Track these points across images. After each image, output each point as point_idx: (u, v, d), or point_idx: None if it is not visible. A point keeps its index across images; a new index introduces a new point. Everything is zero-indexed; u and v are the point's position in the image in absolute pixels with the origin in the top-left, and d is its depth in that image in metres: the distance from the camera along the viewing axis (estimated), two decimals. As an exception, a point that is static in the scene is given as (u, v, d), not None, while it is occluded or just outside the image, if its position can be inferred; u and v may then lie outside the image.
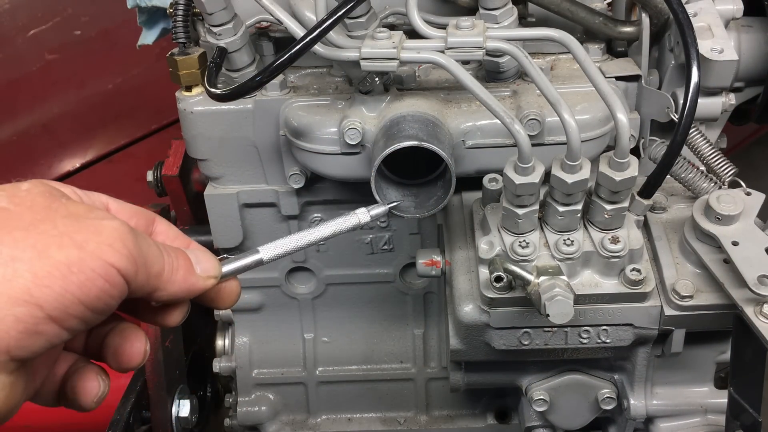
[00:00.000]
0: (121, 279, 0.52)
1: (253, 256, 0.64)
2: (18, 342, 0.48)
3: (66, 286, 0.49)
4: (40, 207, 0.52)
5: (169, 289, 0.57)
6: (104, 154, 1.95)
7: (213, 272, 0.61)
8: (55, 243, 0.49)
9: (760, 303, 0.78)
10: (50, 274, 0.48)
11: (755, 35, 0.99)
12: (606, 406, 1.05)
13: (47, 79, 2.02)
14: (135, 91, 2.02)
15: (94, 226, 0.52)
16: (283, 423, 1.31)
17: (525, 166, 0.80)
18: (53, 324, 0.49)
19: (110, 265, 0.51)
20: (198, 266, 0.60)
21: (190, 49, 1.01)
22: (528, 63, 0.78)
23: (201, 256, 0.61)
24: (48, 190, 0.54)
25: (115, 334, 0.60)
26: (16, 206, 0.52)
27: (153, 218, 0.63)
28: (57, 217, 0.52)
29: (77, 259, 0.49)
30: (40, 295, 0.48)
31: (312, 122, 0.97)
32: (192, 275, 0.59)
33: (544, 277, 0.82)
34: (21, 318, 0.47)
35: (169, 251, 0.58)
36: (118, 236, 0.52)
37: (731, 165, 0.94)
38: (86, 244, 0.50)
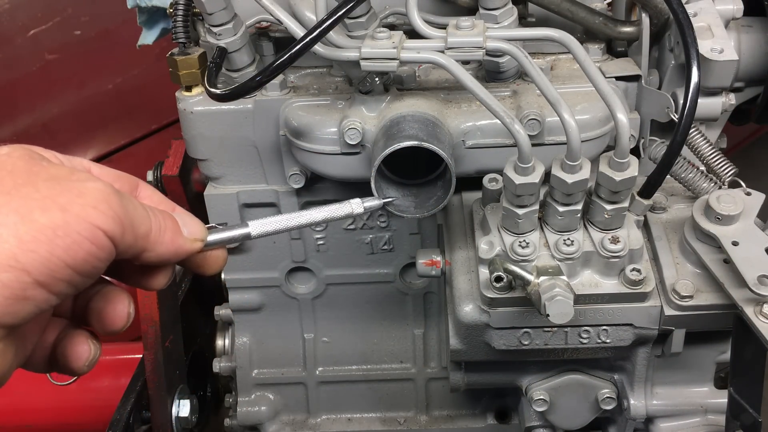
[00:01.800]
0: (107, 241, 0.51)
1: (241, 229, 0.64)
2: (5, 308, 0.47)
3: (52, 249, 0.48)
4: (20, 171, 0.51)
5: (156, 249, 0.56)
6: (104, 154, 1.95)
7: (199, 235, 0.61)
8: (38, 206, 0.49)
9: (760, 303, 0.78)
10: (35, 239, 0.47)
11: (755, 35, 0.99)
12: (606, 406, 1.05)
13: (47, 79, 2.02)
14: (135, 91, 2.02)
15: (77, 188, 0.51)
16: (283, 423, 1.31)
17: (525, 166, 0.80)
18: (41, 289, 0.48)
19: (96, 227, 0.50)
20: (185, 229, 0.59)
21: (190, 49, 1.01)
22: (528, 63, 0.78)
23: (187, 220, 0.61)
24: (28, 154, 0.53)
25: (99, 297, 0.60)
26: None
27: (137, 183, 0.63)
28: (39, 180, 0.51)
29: (62, 222, 0.49)
30: (26, 260, 0.47)
31: (312, 122, 0.97)
32: (179, 237, 0.59)
33: (544, 277, 0.82)
34: (7, 284, 0.47)
35: (156, 212, 0.57)
36: (103, 197, 0.51)
37: (731, 165, 0.94)
38: (70, 206, 0.49)
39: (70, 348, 0.59)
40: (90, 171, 0.59)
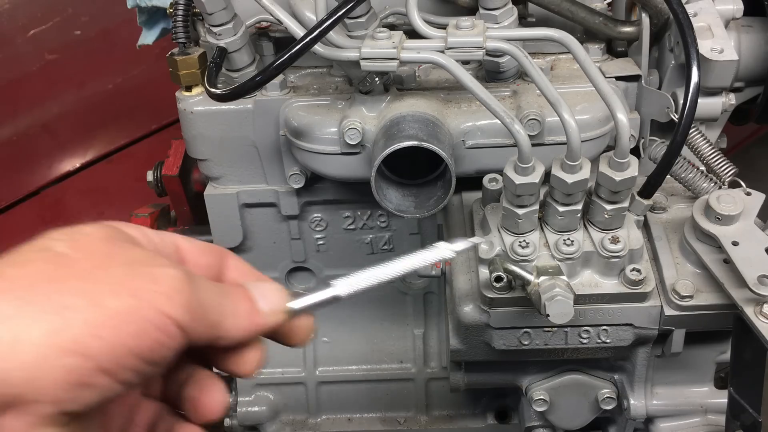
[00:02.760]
0: (176, 329, 0.49)
1: (327, 292, 0.60)
2: (67, 393, 0.46)
3: (119, 336, 0.47)
4: (99, 254, 0.50)
5: (231, 335, 0.54)
6: (104, 154, 1.95)
7: (279, 307, 0.57)
8: (109, 291, 0.47)
9: (760, 303, 0.78)
10: (103, 324, 0.46)
11: (755, 35, 0.99)
12: (606, 406, 1.05)
13: (47, 79, 2.02)
14: (135, 91, 2.02)
15: (151, 274, 0.50)
16: (283, 423, 1.31)
17: (525, 166, 0.80)
18: (105, 376, 0.47)
19: (165, 315, 0.48)
20: (263, 301, 0.57)
21: (190, 49, 1.01)
22: (528, 63, 0.78)
23: (267, 291, 0.57)
24: (110, 234, 0.52)
25: (192, 384, 0.58)
26: (74, 252, 0.50)
27: (225, 254, 0.60)
28: (115, 264, 0.50)
29: (131, 308, 0.47)
30: (92, 345, 0.46)
31: (312, 122, 0.97)
32: (256, 315, 0.56)
33: (544, 277, 0.82)
34: (71, 369, 0.45)
35: (229, 294, 0.55)
36: (176, 286, 0.50)
37: (731, 165, 0.94)
38: (141, 293, 0.48)
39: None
40: (178, 245, 0.58)
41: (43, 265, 0.48)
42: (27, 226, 1.81)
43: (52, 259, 0.49)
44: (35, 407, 0.45)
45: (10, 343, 0.44)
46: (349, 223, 1.16)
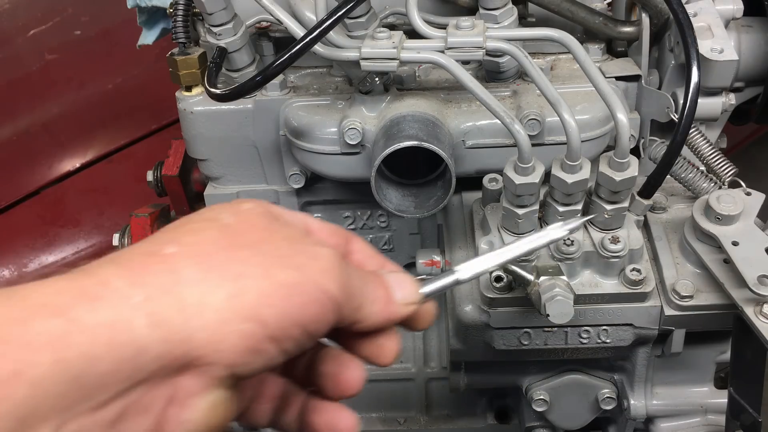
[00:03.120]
0: (332, 305, 0.51)
1: (450, 277, 0.62)
2: (242, 358, 0.47)
3: (288, 306, 0.49)
4: (261, 227, 0.53)
5: (368, 321, 0.56)
6: (104, 154, 1.95)
7: (413, 298, 0.59)
8: (277, 264, 0.50)
9: (760, 303, 0.78)
10: (275, 293, 0.48)
11: (755, 35, 0.99)
12: (606, 406, 1.05)
13: (47, 79, 2.02)
14: (135, 91, 2.02)
15: (310, 251, 0.52)
16: (283, 423, 1.31)
17: (525, 166, 0.80)
18: (273, 344, 0.49)
19: (325, 290, 0.50)
20: (398, 292, 0.58)
21: (190, 49, 1.01)
22: (528, 63, 0.78)
23: (401, 281, 0.59)
24: (266, 211, 0.55)
25: (330, 360, 0.59)
26: (240, 224, 0.52)
27: (350, 237, 0.62)
28: (277, 238, 0.52)
29: (298, 281, 0.49)
30: (265, 313, 0.48)
31: (312, 122, 0.97)
32: (391, 304, 0.57)
33: (544, 277, 0.82)
34: (246, 334, 0.47)
35: (369, 281, 0.56)
36: (332, 264, 0.52)
37: (731, 165, 0.94)
38: (304, 268, 0.50)
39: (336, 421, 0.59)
40: (309, 227, 0.59)
41: (217, 233, 0.51)
42: (27, 226, 1.81)
43: (223, 228, 0.51)
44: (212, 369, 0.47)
45: (196, 305, 0.46)
46: (349, 223, 1.16)
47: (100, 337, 0.42)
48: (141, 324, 0.44)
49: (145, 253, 0.48)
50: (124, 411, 0.45)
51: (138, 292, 0.45)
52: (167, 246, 0.49)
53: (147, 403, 0.46)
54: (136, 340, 0.43)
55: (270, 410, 0.60)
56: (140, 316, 0.44)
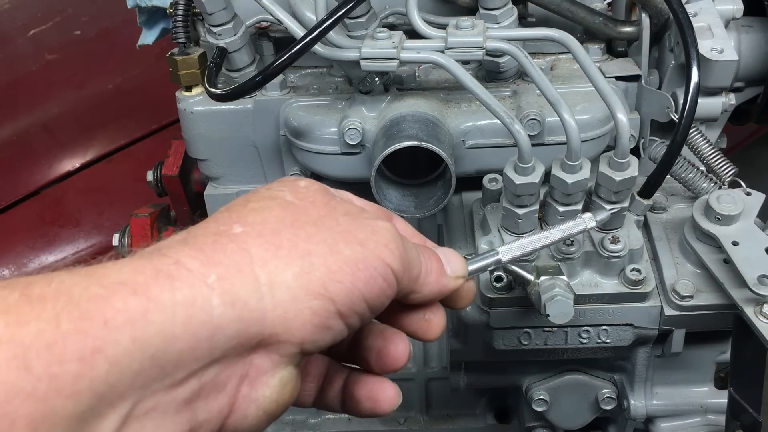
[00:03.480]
0: (394, 279, 0.52)
1: (492, 257, 0.64)
2: (312, 335, 0.48)
3: (354, 282, 0.49)
4: (321, 204, 0.53)
5: (423, 291, 0.57)
6: (104, 154, 1.95)
7: (462, 272, 0.60)
8: (342, 239, 0.50)
9: (760, 303, 0.78)
10: (341, 270, 0.49)
11: (755, 35, 0.99)
12: (606, 406, 1.05)
13: (47, 79, 2.02)
14: (135, 91, 2.02)
15: (370, 225, 0.53)
16: (283, 423, 1.30)
17: (525, 166, 0.80)
18: (340, 319, 0.49)
19: (387, 264, 0.51)
20: (448, 266, 0.59)
21: (190, 49, 1.01)
22: (528, 63, 0.78)
23: (450, 256, 0.60)
24: (323, 188, 0.55)
25: (376, 335, 0.59)
26: (300, 201, 0.53)
27: (391, 217, 0.63)
28: (338, 214, 0.53)
29: (362, 256, 0.50)
30: (334, 289, 0.48)
31: (312, 122, 0.97)
32: (443, 276, 0.58)
33: (544, 277, 0.82)
34: (317, 311, 0.48)
35: (424, 252, 0.58)
36: (392, 237, 0.52)
37: (731, 165, 0.94)
38: (367, 242, 0.51)
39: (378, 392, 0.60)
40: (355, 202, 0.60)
41: (281, 211, 0.51)
42: (27, 226, 1.81)
43: (286, 206, 0.52)
44: (284, 347, 0.48)
45: (268, 284, 0.46)
46: (349, 223, 1.16)
47: (177, 316, 0.43)
48: (216, 303, 0.44)
49: (215, 233, 0.48)
50: (200, 389, 0.45)
51: (212, 271, 0.45)
52: (235, 225, 0.49)
53: (222, 381, 0.47)
54: (212, 320, 0.44)
55: (315, 389, 0.61)
56: (215, 296, 0.44)
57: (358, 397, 0.60)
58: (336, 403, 0.62)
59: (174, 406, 0.44)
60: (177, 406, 0.44)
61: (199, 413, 0.46)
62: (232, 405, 0.48)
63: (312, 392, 0.61)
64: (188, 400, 0.45)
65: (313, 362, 0.61)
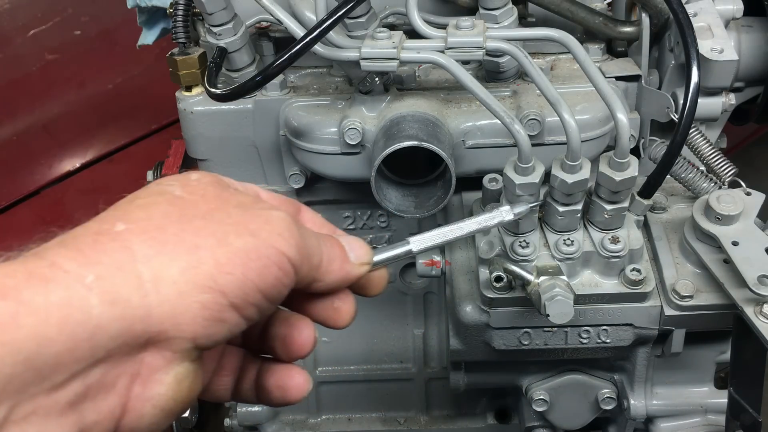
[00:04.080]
0: (291, 267, 0.51)
1: (403, 247, 0.64)
2: (204, 329, 0.47)
3: (246, 273, 0.49)
4: (212, 196, 0.53)
5: (326, 279, 0.57)
6: (104, 154, 1.95)
7: (366, 258, 0.60)
8: (232, 231, 0.50)
9: (760, 303, 0.78)
10: (231, 261, 0.48)
11: (755, 35, 0.99)
12: (606, 406, 1.05)
13: (47, 79, 2.02)
14: (135, 91, 2.02)
15: (264, 215, 0.52)
16: (283, 423, 1.31)
17: (525, 166, 0.80)
18: (234, 312, 0.49)
19: (282, 253, 0.50)
20: (351, 254, 0.59)
21: (190, 49, 1.01)
22: (528, 63, 0.78)
23: (353, 243, 0.60)
24: (216, 180, 0.55)
25: (281, 323, 0.59)
26: (190, 195, 0.52)
27: (299, 207, 0.63)
28: (229, 206, 0.52)
29: (254, 246, 0.49)
30: (224, 281, 0.48)
31: (312, 122, 0.97)
32: (347, 263, 0.58)
33: (544, 277, 0.82)
34: (207, 305, 0.47)
35: (325, 241, 0.57)
36: (286, 226, 0.52)
37: (731, 165, 0.94)
38: (260, 232, 0.50)
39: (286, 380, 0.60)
40: (259, 195, 0.60)
41: (168, 207, 0.50)
42: (27, 226, 1.81)
43: (173, 201, 0.51)
44: (175, 343, 0.47)
45: (152, 281, 0.46)
46: (349, 223, 1.16)
47: (51, 317, 0.42)
48: (95, 303, 0.43)
49: (95, 233, 0.48)
50: (86, 390, 0.45)
51: (90, 271, 0.44)
52: (117, 223, 0.48)
53: (110, 381, 0.46)
54: (90, 320, 0.43)
55: (231, 382, 0.61)
56: (94, 296, 0.44)
57: (269, 387, 0.60)
58: (251, 394, 0.61)
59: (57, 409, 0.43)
60: (60, 408, 0.43)
61: (87, 415, 0.45)
62: (125, 405, 0.47)
63: (229, 386, 0.61)
64: (73, 402, 0.44)
65: (228, 355, 0.61)
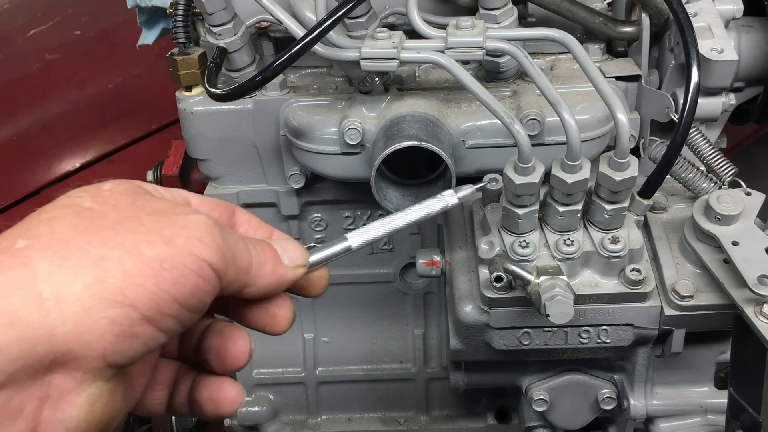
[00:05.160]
0: (212, 274, 0.49)
1: (341, 244, 0.62)
2: (115, 346, 0.45)
3: (159, 283, 0.46)
4: (124, 205, 0.50)
5: (258, 283, 0.55)
6: (104, 154, 1.95)
7: (300, 261, 0.58)
8: (144, 240, 0.47)
9: (760, 303, 0.78)
10: (142, 272, 0.46)
11: (755, 35, 0.99)
12: (606, 406, 1.05)
13: (47, 79, 2.02)
14: (135, 91, 2.02)
15: (180, 220, 0.50)
16: (283, 423, 1.31)
17: (525, 166, 0.80)
18: (149, 325, 0.47)
19: (201, 259, 0.48)
20: (285, 256, 0.57)
21: (190, 49, 1.01)
22: (528, 63, 0.78)
23: (287, 246, 0.58)
24: (130, 188, 0.53)
25: (214, 335, 0.58)
26: (100, 205, 0.50)
27: (233, 210, 0.61)
28: (142, 213, 0.50)
29: (168, 254, 0.47)
30: (134, 294, 0.45)
31: (312, 122, 0.97)
32: (280, 266, 0.56)
33: (544, 277, 0.82)
34: (116, 320, 0.45)
35: (255, 244, 0.55)
36: (206, 230, 0.50)
37: (731, 165, 0.94)
38: (175, 239, 0.48)
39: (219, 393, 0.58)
40: (189, 201, 0.58)
41: (74, 219, 0.48)
42: (27, 226, 1.80)
43: (81, 213, 0.49)
44: (84, 362, 0.45)
45: (54, 299, 0.44)
46: (349, 223, 1.16)
47: None
48: None
49: None
50: None
51: None
52: (18, 240, 0.46)
53: (15, 406, 0.44)
54: None
55: (165, 396, 0.59)
56: None
57: (201, 400, 0.58)
58: (185, 407, 0.60)
59: None
60: None
61: None
62: (35, 429, 0.45)
63: (162, 400, 0.59)
64: None
65: (162, 369, 0.59)
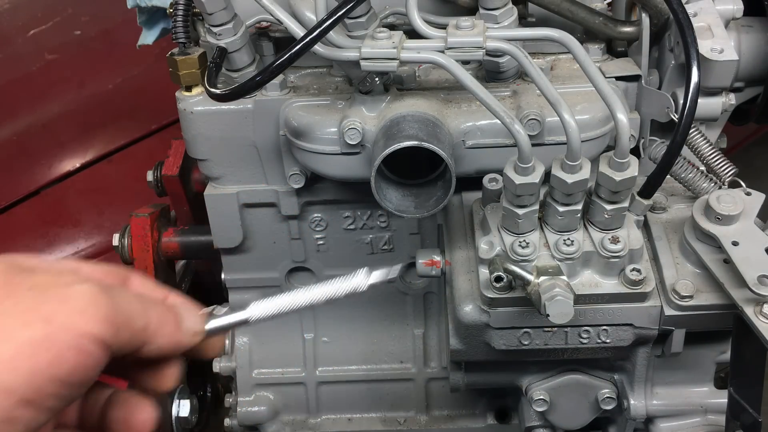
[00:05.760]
0: (96, 347, 0.48)
1: (240, 316, 0.61)
2: None
3: (35, 365, 0.46)
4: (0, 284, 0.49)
5: (158, 342, 0.54)
6: (104, 154, 1.95)
7: (197, 328, 0.58)
8: (20, 321, 0.46)
9: (760, 303, 0.78)
10: (16, 357, 0.45)
11: (755, 35, 0.99)
12: (606, 406, 1.05)
13: (47, 79, 2.02)
14: (135, 91, 2.02)
15: (61, 294, 0.49)
16: (283, 423, 1.31)
17: (525, 166, 0.80)
18: (28, 407, 0.46)
19: (81, 334, 0.47)
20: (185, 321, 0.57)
21: (190, 49, 1.01)
22: (528, 63, 0.78)
23: (185, 313, 0.58)
24: (8, 266, 0.51)
25: (118, 406, 0.57)
26: None
27: (127, 275, 0.60)
28: (20, 291, 0.48)
29: (44, 335, 0.46)
30: (8, 379, 0.45)
31: (312, 122, 0.97)
32: (178, 332, 0.56)
33: (544, 277, 0.82)
34: None
35: (154, 306, 0.55)
36: (89, 300, 0.49)
37: (731, 165, 0.94)
38: (54, 315, 0.47)
39: None
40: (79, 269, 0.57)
41: None
42: (27, 226, 1.81)
43: None
44: None
45: None
46: (349, 223, 1.16)
47: None
48: None
49: None
50: None
51: None
52: None
53: None
54: None
55: None
56: None
57: None
58: None
59: None
60: None
61: None
62: None
63: None
64: None
65: None
